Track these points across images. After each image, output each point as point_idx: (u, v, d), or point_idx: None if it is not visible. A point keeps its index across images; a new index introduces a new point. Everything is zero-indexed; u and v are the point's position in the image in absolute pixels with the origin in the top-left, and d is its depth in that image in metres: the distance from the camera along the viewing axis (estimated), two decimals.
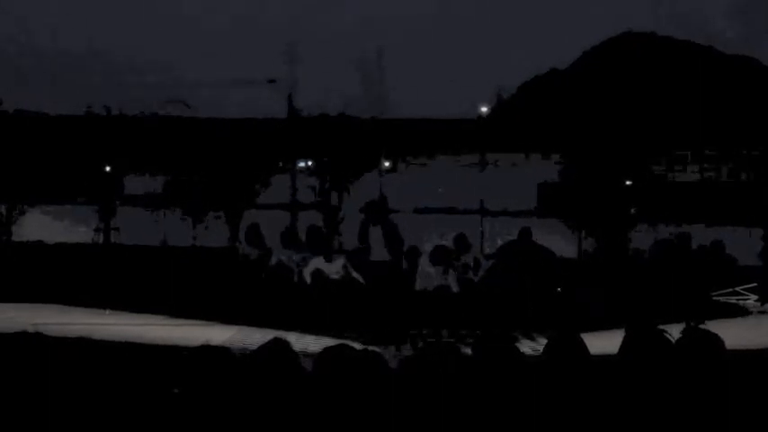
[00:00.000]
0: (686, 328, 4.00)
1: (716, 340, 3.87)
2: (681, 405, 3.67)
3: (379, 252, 17.67)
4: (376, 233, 18.87)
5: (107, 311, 13.96)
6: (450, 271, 14.64)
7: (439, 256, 14.75)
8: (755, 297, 17.37)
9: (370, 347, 4.69)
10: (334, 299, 14.13)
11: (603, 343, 4.92)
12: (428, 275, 14.47)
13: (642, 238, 22.88)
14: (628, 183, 24.54)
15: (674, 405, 3.67)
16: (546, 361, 3.90)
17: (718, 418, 3.65)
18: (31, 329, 4.25)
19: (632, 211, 23.81)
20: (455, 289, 14.36)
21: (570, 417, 3.68)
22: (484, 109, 28.66)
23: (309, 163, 27.16)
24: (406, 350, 11.55)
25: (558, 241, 23.17)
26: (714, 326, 4.33)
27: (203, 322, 13.08)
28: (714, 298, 17.12)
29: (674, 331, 4.09)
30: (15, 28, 32.30)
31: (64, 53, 31.86)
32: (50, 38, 32.26)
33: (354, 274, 15.15)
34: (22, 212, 25.92)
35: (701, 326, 3.97)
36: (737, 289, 17.59)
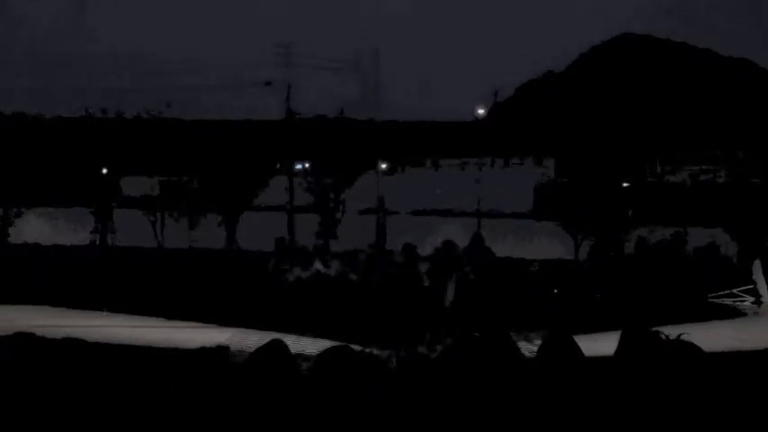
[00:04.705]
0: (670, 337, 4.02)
1: (694, 349, 3.90)
2: (673, 405, 3.70)
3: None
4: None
5: (104, 313, 13.94)
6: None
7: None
8: (752, 299, 17.40)
9: (368, 349, 4.72)
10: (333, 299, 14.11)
11: (599, 345, 4.96)
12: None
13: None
14: (624, 185, 24.57)
15: (667, 404, 3.70)
16: (540, 361, 3.93)
17: (714, 420, 3.68)
18: (29, 331, 4.27)
19: (629, 213, 23.83)
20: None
21: (564, 415, 3.70)
22: (481, 111, 28.72)
23: (306, 165, 27.15)
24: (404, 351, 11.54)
25: (557, 245, 23.20)
26: (710, 327, 4.35)
27: (201, 324, 13.05)
28: (711, 299, 17.15)
29: (669, 333, 4.12)
30: (13, 30, 32.27)
31: (61, 56, 31.86)
32: (48, 40, 32.26)
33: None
34: (19, 215, 25.89)
35: (684, 334, 4.00)
36: (734, 291, 17.61)
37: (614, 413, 3.81)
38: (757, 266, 17.51)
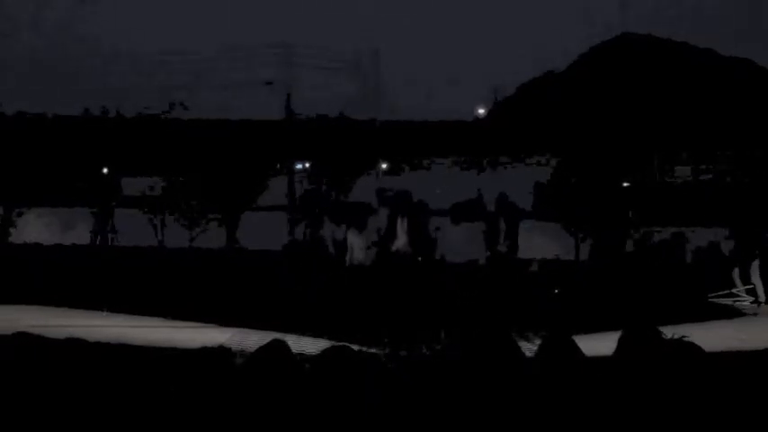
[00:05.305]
0: (671, 338, 4.03)
1: (694, 348, 3.90)
2: (674, 405, 3.71)
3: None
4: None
5: (105, 313, 13.94)
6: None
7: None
8: (751, 299, 17.41)
9: (368, 349, 4.71)
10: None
11: (599, 345, 4.96)
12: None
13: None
14: (625, 185, 24.57)
15: (667, 404, 3.71)
16: (540, 361, 3.94)
17: (714, 420, 3.68)
18: (29, 331, 4.27)
19: (630, 213, 23.84)
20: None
21: (564, 415, 3.71)
22: (481, 111, 28.76)
23: (307, 165, 27.17)
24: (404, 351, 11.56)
25: (557, 245, 23.21)
26: (710, 327, 4.35)
27: (201, 324, 13.06)
28: (711, 299, 17.16)
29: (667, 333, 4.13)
30: (13, 30, 32.29)
31: (61, 56, 31.87)
32: (47, 40, 32.27)
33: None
34: (20, 214, 25.92)
35: (685, 336, 4.00)
36: (734, 291, 17.62)
37: (614, 413, 3.81)
38: (755, 267, 17.52)
